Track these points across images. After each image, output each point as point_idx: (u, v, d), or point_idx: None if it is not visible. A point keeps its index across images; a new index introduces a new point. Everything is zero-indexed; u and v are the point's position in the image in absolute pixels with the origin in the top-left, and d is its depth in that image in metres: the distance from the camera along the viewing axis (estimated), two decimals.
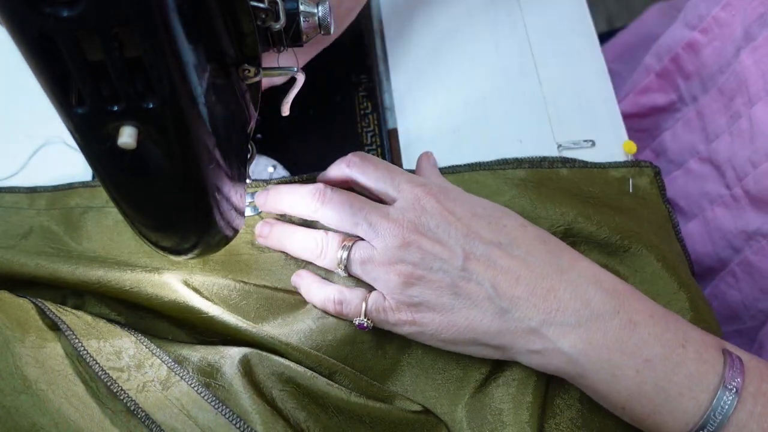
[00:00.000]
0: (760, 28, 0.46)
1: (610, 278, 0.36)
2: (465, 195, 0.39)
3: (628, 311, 0.34)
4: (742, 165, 0.47)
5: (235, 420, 0.34)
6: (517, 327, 0.35)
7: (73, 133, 0.25)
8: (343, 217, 0.38)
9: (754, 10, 0.46)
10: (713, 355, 0.33)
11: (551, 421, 0.38)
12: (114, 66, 0.22)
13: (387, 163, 0.40)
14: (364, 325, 0.38)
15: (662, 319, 0.34)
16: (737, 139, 0.47)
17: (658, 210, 0.46)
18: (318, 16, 0.33)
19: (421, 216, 0.37)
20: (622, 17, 1.51)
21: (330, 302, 0.38)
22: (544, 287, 0.35)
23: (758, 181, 0.45)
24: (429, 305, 0.36)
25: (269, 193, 0.41)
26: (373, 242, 0.37)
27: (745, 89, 0.46)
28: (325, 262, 0.39)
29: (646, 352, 0.33)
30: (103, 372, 0.35)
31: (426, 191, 0.38)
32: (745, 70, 0.46)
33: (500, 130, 0.49)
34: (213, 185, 0.30)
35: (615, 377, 0.33)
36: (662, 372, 0.33)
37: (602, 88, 0.51)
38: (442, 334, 0.36)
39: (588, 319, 0.34)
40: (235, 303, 0.40)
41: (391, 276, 0.36)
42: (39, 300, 0.39)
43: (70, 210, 0.45)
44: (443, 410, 0.39)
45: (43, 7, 0.20)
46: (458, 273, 0.36)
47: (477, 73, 0.52)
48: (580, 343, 0.34)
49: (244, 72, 0.31)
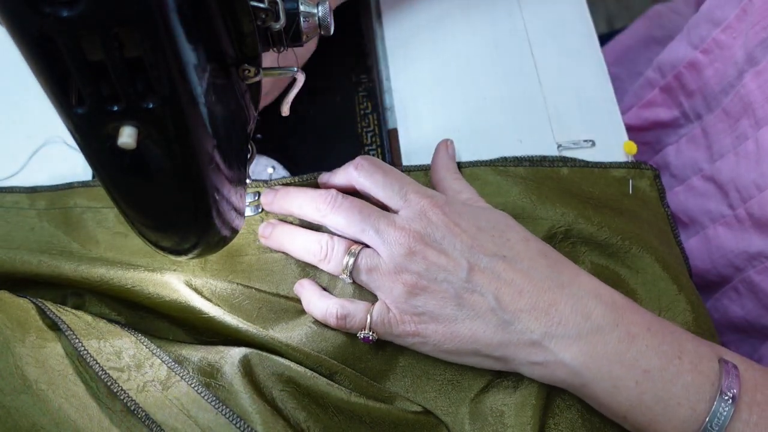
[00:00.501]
0: (763, 52, 0.46)
1: (609, 292, 0.37)
2: (470, 208, 0.40)
3: (627, 324, 0.35)
4: (747, 187, 0.47)
5: (235, 420, 0.34)
6: (519, 339, 0.35)
7: (73, 133, 0.25)
8: (351, 222, 0.38)
9: (756, 35, 0.46)
10: (708, 366, 0.34)
11: (551, 421, 0.38)
12: (114, 66, 0.22)
13: (396, 171, 0.40)
14: (369, 339, 0.38)
15: (659, 332, 0.35)
16: (743, 161, 0.47)
17: (658, 212, 0.46)
18: (318, 16, 0.33)
19: (427, 227, 0.37)
20: (622, 17, 1.51)
21: (332, 317, 0.38)
22: (546, 301, 0.35)
23: (763, 205, 0.45)
24: (432, 315, 0.37)
25: (277, 193, 0.42)
26: (379, 249, 0.37)
27: (752, 112, 0.47)
28: (329, 267, 0.39)
29: (644, 364, 0.34)
30: (103, 372, 0.35)
31: (432, 203, 0.38)
32: (750, 94, 0.47)
33: (500, 130, 0.49)
34: (213, 185, 0.30)
35: (616, 388, 0.34)
36: (660, 383, 0.34)
37: (602, 88, 0.51)
38: (445, 344, 0.37)
39: (589, 331, 0.35)
40: (237, 303, 0.40)
41: (396, 285, 0.37)
42: (39, 300, 0.39)
43: (69, 210, 0.45)
44: (444, 411, 0.39)
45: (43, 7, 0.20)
46: (462, 284, 0.36)
47: (477, 73, 0.52)
48: (581, 355, 0.34)
49: (244, 72, 0.31)
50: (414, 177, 0.46)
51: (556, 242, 0.43)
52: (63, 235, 0.43)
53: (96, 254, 0.43)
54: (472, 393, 0.39)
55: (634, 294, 0.42)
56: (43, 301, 0.39)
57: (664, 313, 0.41)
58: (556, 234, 0.43)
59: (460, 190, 0.43)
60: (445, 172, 0.44)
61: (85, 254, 0.42)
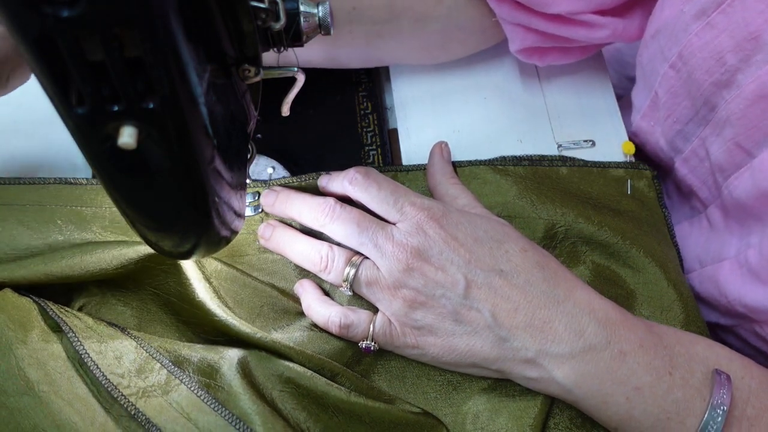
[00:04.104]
0: (682, 142, 0.46)
1: (603, 306, 0.37)
2: (468, 217, 0.39)
3: (619, 341, 0.35)
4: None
5: (235, 422, 0.34)
6: (514, 356, 0.36)
7: (73, 133, 0.25)
8: (349, 235, 0.38)
9: (670, 127, 0.46)
10: (700, 380, 0.34)
11: (551, 421, 0.38)
12: (114, 66, 0.22)
13: (390, 183, 0.40)
14: (371, 349, 0.38)
15: (651, 348, 0.35)
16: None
17: (656, 213, 0.46)
18: (318, 16, 0.33)
19: (424, 241, 0.37)
20: None
21: (335, 326, 0.38)
22: (541, 318, 0.36)
23: None
24: (431, 329, 0.37)
25: (278, 196, 0.42)
26: (378, 263, 0.37)
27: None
28: (329, 278, 0.40)
29: (635, 381, 0.34)
30: (103, 377, 0.35)
31: (429, 215, 0.38)
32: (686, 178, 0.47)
33: (500, 130, 0.49)
34: (213, 185, 0.30)
35: (606, 404, 0.35)
36: (651, 398, 0.34)
37: (602, 88, 0.51)
38: (443, 357, 0.37)
39: (581, 350, 0.35)
40: (240, 298, 0.40)
41: (395, 300, 0.37)
42: (42, 300, 0.39)
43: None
44: (444, 411, 0.39)
45: (43, 7, 0.20)
46: (460, 300, 0.36)
47: (477, 73, 0.52)
48: (572, 374, 0.35)
49: (244, 72, 0.31)
50: (414, 177, 0.46)
51: (557, 242, 0.43)
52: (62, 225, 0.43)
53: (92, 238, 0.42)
54: (472, 394, 0.39)
55: (633, 294, 0.42)
56: (46, 301, 0.39)
57: (665, 312, 0.41)
58: (556, 233, 0.43)
59: (457, 196, 0.42)
60: (441, 177, 0.44)
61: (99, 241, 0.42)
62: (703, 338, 0.38)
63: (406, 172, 0.47)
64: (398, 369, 0.40)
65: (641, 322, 0.37)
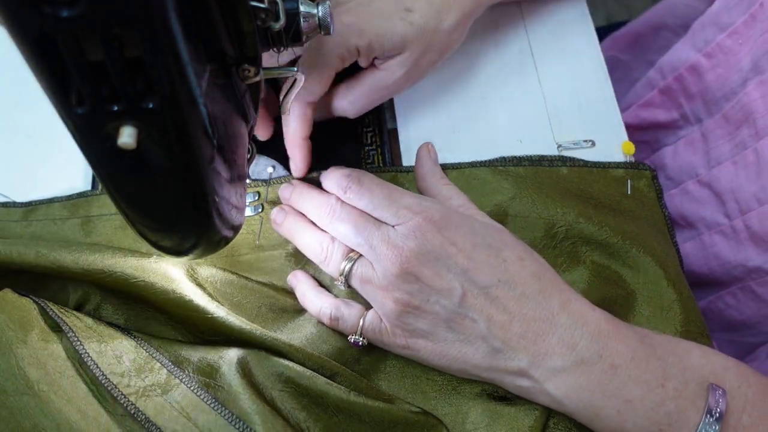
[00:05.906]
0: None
1: (596, 318, 0.37)
2: (466, 219, 0.39)
3: (611, 354, 0.35)
4: (746, 199, 0.47)
5: (234, 421, 0.34)
6: (507, 366, 0.36)
7: (73, 133, 0.25)
8: (348, 235, 0.38)
9: (765, 43, 0.45)
10: (694, 390, 0.34)
11: (550, 420, 0.38)
12: (114, 66, 0.22)
13: (384, 187, 0.40)
14: (359, 343, 0.38)
15: (643, 360, 0.35)
16: (742, 171, 0.47)
17: (656, 213, 0.46)
18: (318, 16, 0.33)
19: (422, 245, 0.36)
20: (623, 17, 1.51)
21: (325, 317, 0.39)
22: (535, 331, 0.36)
23: (763, 220, 0.45)
24: (422, 333, 0.37)
25: (294, 190, 0.43)
26: (374, 264, 0.38)
27: (753, 121, 0.46)
28: (328, 270, 0.40)
29: (626, 394, 0.34)
30: (103, 377, 0.35)
31: (426, 219, 0.37)
32: (752, 103, 0.46)
33: (500, 130, 0.49)
34: (213, 185, 0.30)
35: (597, 416, 0.35)
36: (642, 411, 0.34)
37: (602, 88, 0.51)
38: (434, 360, 0.38)
39: (573, 363, 0.35)
40: (237, 301, 0.40)
41: (388, 301, 0.37)
42: (42, 300, 0.39)
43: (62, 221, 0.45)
44: (444, 411, 0.39)
45: (43, 7, 0.20)
46: (455, 309, 0.36)
47: (477, 73, 0.52)
48: (563, 387, 0.35)
49: (244, 72, 0.31)
50: (414, 177, 0.46)
51: (557, 241, 0.43)
52: (60, 232, 0.43)
53: (95, 240, 0.42)
54: (472, 394, 0.39)
55: (633, 294, 0.42)
56: (46, 301, 0.39)
57: (665, 312, 0.41)
58: (556, 233, 0.43)
59: (450, 197, 0.42)
60: (431, 178, 0.44)
61: (84, 242, 0.42)
62: (698, 346, 0.37)
63: (406, 173, 0.47)
64: (398, 369, 0.40)
65: (634, 332, 0.37)
